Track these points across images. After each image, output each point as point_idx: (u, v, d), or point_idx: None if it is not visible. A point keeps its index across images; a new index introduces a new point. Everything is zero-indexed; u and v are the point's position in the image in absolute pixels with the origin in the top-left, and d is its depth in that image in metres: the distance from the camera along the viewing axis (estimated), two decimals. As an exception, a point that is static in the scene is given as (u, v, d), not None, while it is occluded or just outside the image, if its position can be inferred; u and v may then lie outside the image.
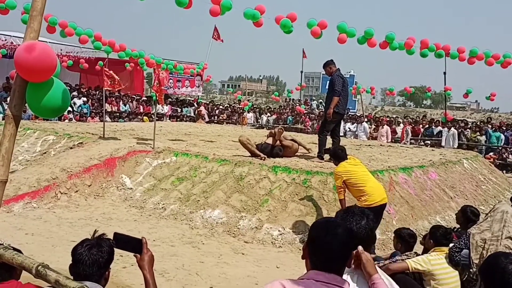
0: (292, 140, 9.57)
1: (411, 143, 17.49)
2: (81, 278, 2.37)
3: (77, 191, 8.22)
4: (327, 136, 9.05)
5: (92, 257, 2.39)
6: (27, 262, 2.50)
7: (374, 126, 19.84)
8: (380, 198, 6.01)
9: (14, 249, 2.66)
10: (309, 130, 20.39)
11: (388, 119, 21.10)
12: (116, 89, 10.33)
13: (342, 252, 1.97)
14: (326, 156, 9.04)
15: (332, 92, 8.68)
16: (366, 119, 20.64)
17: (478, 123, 20.36)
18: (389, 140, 17.69)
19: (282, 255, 6.20)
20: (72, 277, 2.41)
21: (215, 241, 6.57)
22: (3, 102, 16.12)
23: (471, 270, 4.21)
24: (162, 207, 7.80)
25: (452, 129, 17.23)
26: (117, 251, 2.50)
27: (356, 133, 19.68)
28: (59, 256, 5.37)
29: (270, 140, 9.46)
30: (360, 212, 2.33)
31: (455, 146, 16.45)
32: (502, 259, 2.17)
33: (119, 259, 5.10)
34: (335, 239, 1.95)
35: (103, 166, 8.84)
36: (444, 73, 15.10)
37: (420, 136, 18.70)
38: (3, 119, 13.68)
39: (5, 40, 18.22)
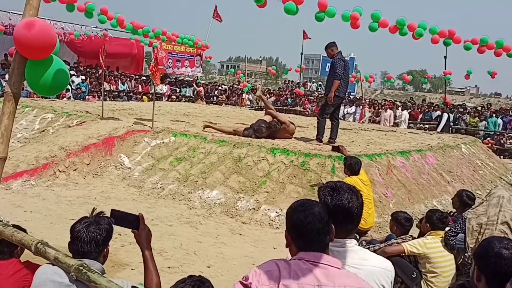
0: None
1: (409, 127, 17.50)
2: (80, 256, 2.39)
3: (75, 170, 8.23)
4: (327, 119, 9.04)
5: (90, 234, 2.40)
6: (26, 239, 2.53)
7: (373, 110, 19.82)
8: (370, 225, 6.13)
9: (16, 226, 2.68)
10: (308, 112, 20.37)
11: (391, 103, 21.05)
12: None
13: (324, 228, 1.98)
14: (325, 139, 9.06)
15: (333, 75, 8.62)
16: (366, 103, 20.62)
17: (479, 108, 20.32)
18: (391, 124, 17.70)
19: (279, 236, 6.23)
20: (71, 255, 2.44)
21: (213, 222, 6.61)
22: (1, 79, 16.04)
23: (466, 254, 4.25)
24: (160, 187, 7.83)
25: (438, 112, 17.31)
26: (115, 229, 2.51)
27: (355, 116, 19.69)
28: (58, 233, 5.40)
29: (267, 118, 9.46)
30: (348, 188, 2.28)
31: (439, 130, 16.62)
32: (496, 243, 2.18)
33: (117, 238, 5.13)
34: (315, 219, 1.97)
35: (102, 145, 8.84)
36: (445, 57, 15.04)
37: (419, 120, 18.70)
38: (1, 96, 13.66)
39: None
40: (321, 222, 1.98)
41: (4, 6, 19.27)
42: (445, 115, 15.68)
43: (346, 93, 10.03)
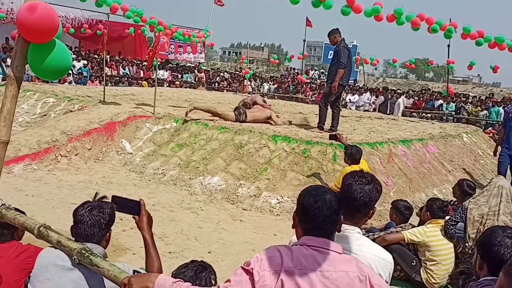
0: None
1: (411, 116, 17.47)
2: (82, 239, 2.41)
3: (77, 154, 8.25)
4: (328, 107, 9.03)
5: (93, 218, 2.42)
6: (29, 223, 2.54)
7: (375, 98, 19.75)
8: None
9: (17, 210, 2.69)
10: (309, 100, 20.31)
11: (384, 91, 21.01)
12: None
13: (332, 217, 2.01)
14: (326, 127, 9.05)
15: (337, 64, 8.54)
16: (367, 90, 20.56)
17: (483, 98, 20.22)
18: (388, 112, 17.68)
19: (280, 223, 6.27)
20: (73, 238, 2.45)
21: (214, 208, 6.64)
22: (2, 63, 16.00)
23: (466, 244, 4.27)
24: (161, 173, 7.85)
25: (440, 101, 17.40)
26: (116, 214, 2.53)
27: (357, 104, 19.65)
28: (59, 217, 5.43)
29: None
30: (370, 177, 2.37)
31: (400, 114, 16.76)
32: (499, 232, 2.20)
33: (119, 223, 5.15)
34: (324, 205, 1.99)
35: (103, 130, 8.84)
36: (448, 45, 14.96)
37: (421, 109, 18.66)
38: (3, 79, 13.64)
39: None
40: (330, 210, 2.00)
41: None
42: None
43: (349, 81, 10.06)
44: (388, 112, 17.60)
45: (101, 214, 2.44)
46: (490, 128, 16.77)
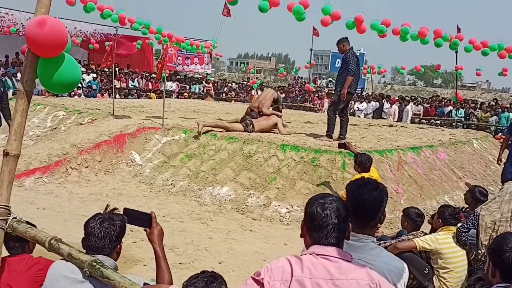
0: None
1: (420, 123, 17.38)
2: (93, 251, 2.41)
3: (87, 167, 8.30)
4: (336, 115, 9.01)
5: (104, 230, 2.43)
6: (40, 236, 2.55)
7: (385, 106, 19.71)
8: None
9: (28, 223, 2.71)
10: (317, 109, 20.32)
11: (397, 99, 20.98)
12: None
13: (341, 225, 2.00)
14: (335, 135, 9.02)
15: (346, 71, 8.52)
16: (375, 98, 20.53)
17: (493, 103, 20.10)
18: (395, 120, 17.63)
19: (290, 233, 6.24)
20: (84, 251, 2.46)
21: (224, 218, 6.63)
22: (12, 77, 16.20)
23: (479, 251, 4.22)
24: (171, 184, 7.86)
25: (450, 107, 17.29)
26: (127, 226, 2.53)
27: (365, 112, 19.62)
28: (70, 230, 5.45)
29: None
30: (376, 183, 2.35)
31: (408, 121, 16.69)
32: (511, 238, 2.17)
33: (129, 234, 5.14)
34: (332, 213, 1.99)
35: (113, 142, 8.89)
36: (456, 52, 14.90)
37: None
38: (13, 94, 13.79)
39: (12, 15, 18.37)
40: (338, 218, 1.99)
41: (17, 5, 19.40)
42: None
43: (357, 89, 10.07)
44: (382, 117, 17.71)
45: (112, 226, 2.44)
46: (500, 134, 16.64)
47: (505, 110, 18.20)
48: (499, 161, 8.70)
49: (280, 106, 10.56)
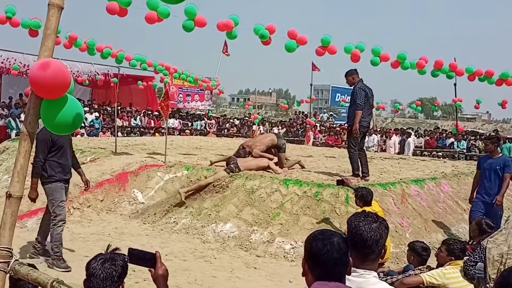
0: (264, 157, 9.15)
1: (422, 155, 17.38)
2: (95, 293, 2.37)
3: (89, 206, 8.27)
4: (356, 151, 8.47)
5: (106, 271, 2.39)
6: (41, 278, 2.52)
7: (384, 138, 19.79)
8: (386, 257, 5.89)
9: (30, 265, 2.68)
10: (318, 143, 20.37)
11: (395, 131, 21.09)
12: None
13: (342, 259, 2.00)
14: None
15: (354, 106, 8.25)
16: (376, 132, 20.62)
17: (493, 134, 20.16)
18: (397, 151, 17.63)
19: (295, 269, 6.15)
20: (86, 293, 2.42)
21: (227, 255, 6.55)
22: (16, 119, 16.37)
23: (487, 285, 4.14)
24: (173, 222, 7.81)
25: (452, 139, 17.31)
26: (129, 266, 2.50)
27: (367, 145, 19.65)
28: (73, 271, 5.40)
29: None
30: (375, 216, 2.35)
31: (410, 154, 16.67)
32: None
33: (132, 274, 5.09)
34: (333, 248, 1.99)
35: (115, 181, 8.90)
36: (455, 84, 15.07)
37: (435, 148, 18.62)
38: (16, 135, 13.90)
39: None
40: (339, 253, 1.99)
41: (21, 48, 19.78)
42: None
43: (370, 122, 9.51)
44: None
45: (114, 266, 2.41)
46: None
47: (506, 141, 18.23)
48: (471, 201, 7.74)
49: (281, 153, 9.33)
